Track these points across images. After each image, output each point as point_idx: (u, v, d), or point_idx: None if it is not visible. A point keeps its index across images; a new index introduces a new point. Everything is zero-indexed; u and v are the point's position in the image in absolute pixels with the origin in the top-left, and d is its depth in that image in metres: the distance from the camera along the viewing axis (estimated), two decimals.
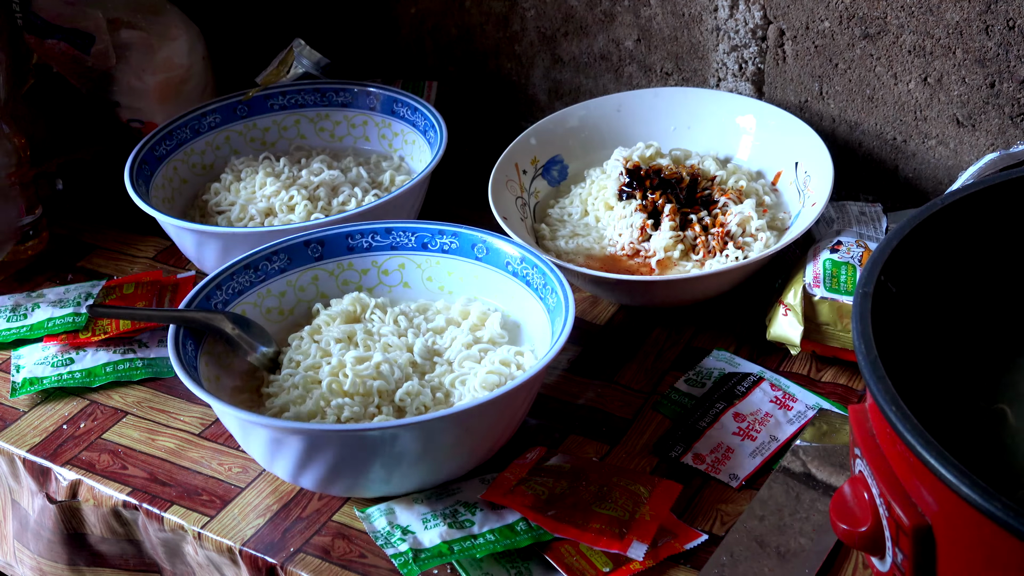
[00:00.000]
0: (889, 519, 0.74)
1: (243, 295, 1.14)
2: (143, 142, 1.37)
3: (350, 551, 0.98)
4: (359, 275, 1.19)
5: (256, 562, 0.99)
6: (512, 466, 1.03)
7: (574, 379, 1.16)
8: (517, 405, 1.01)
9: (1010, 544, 0.64)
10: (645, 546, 0.94)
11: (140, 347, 1.23)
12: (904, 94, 1.29)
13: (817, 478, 1.00)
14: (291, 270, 1.17)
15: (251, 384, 1.12)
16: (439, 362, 1.10)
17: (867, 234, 1.22)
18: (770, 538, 0.95)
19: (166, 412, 1.16)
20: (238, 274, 1.14)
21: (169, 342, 1.04)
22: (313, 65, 1.45)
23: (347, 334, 1.11)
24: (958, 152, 1.29)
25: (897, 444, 0.71)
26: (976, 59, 1.22)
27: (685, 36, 1.40)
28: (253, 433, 0.99)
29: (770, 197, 1.28)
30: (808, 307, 1.12)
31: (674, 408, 1.10)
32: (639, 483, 1.00)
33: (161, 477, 1.08)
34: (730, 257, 1.20)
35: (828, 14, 1.29)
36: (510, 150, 1.32)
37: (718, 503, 1.00)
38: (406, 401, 1.04)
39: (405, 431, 0.95)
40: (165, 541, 1.05)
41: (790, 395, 1.10)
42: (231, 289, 1.14)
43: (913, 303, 0.84)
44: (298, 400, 1.06)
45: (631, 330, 1.21)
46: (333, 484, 1.00)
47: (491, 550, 0.94)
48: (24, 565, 1.16)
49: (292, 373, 1.09)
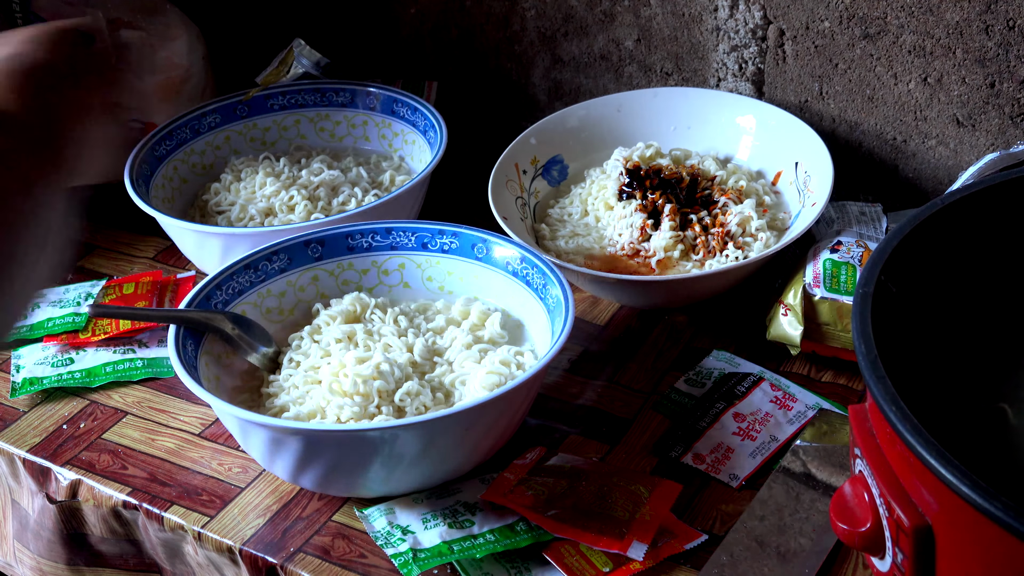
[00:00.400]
0: (889, 519, 0.74)
1: (243, 295, 1.14)
2: (143, 142, 1.37)
3: (350, 551, 0.98)
4: (359, 275, 1.19)
5: (256, 562, 0.99)
6: (512, 466, 1.03)
7: (574, 379, 1.16)
8: (517, 405, 1.01)
9: (1010, 544, 0.64)
10: (645, 546, 0.94)
11: (140, 347, 1.23)
12: (904, 94, 1.29)
13: (817, 478, 1.00)
14: (291, 270, 1.17)
15: (251, 384, 1.12)
16: (439, 362, 1.10)
17: (867, 234, 1.22)
18: (770, 538, 0.95)
19: (166, 412, 1.16)
20: (238, 274, 1.14)
21: (169, 342, 1.04)
22: (313, 65, 1.45)
23: (347, 334, 1.11)
24: (958, 152, 1.29)
25: (897, 444, 0.71)
26: (976, 59, 1.22)
27: (685, 36, 1.39)
28: (253, 433, 0.99)
29: (770, 197, 1.28)
30: (808, 307, 1.12)
31: (674, 408, 1.10)
32: (639, 483, 1.00)
33: (161, 477, 1.08)
34: (730, 257, 1.20)
35: (828, 14, 1.29)
36: (510, 150, 1.32)
37: (718, 503, 1.00)
38: (406, 401, 1.04)
39: (405, 431, 0.95)
40: (165, 541, 1.05)
41: (790, 395, 1.10)
42: (231, 289, 1.14)
43: (913, 303, 0.84)
44: (298, 400, 1.06)
45: (631, 330, 1.21)
46: (333, 484, 1.00)
47: (491, 550, 0.94)
48: (24, 565, 1.16)
49: (292, 373, 1.09)
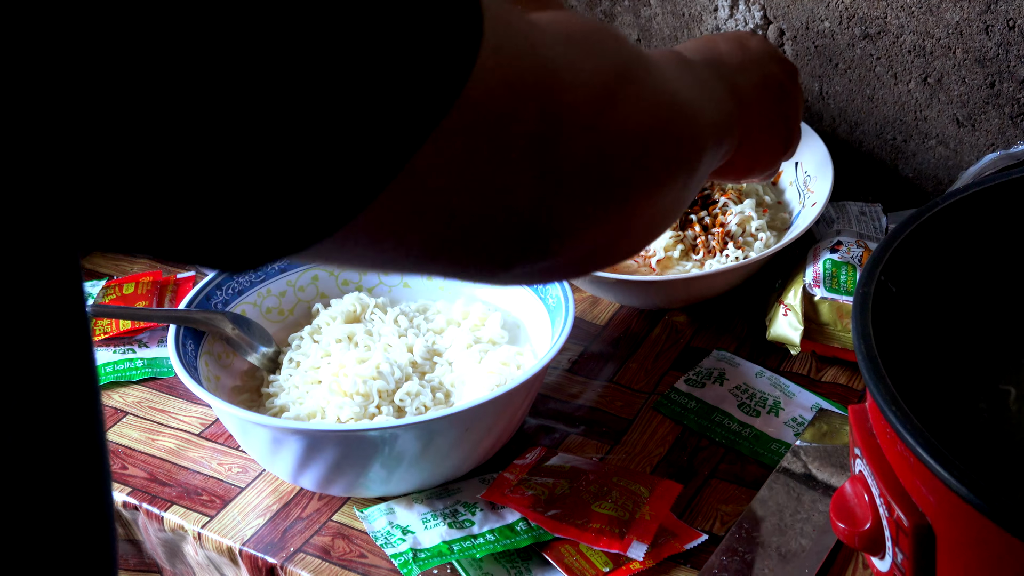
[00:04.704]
0: (889, 519, 0.74)
1: (243, 295, 1.14)
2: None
3: (350, 551, 0.98)
4: (359, 275, 1.19)
5: (256, 562, 0.99)
6: (512, 466, 1.03)
7: (574, 379, 1.16)
8: (517, 405, 1.01)
9: (1010, 544, 0.64)
10: (645, 546, 0.94)
11: (140, 347, 1.23)
12: (904, 94, 1.29)
13: (817, 478, 1.00)
14: (291, 270, 1.17)
15: (251, 384, 1.12)
16: (439, 362, 1.10)
17: (867, 234, 1.22)
18: (770, 538, 0.95)
19: (166, 412, 1.16)
20: (238, 274, 1.14)
21: (169, 342, 1.04)
22: None
23: (347, 334, 1.11)
24: (958, 152, 1.29)
25: (897, 444, 0.71)
26: (976, 59, 1.22)
27: (685, 36, 1.39)
28: (253, 433, 0.99)
29: (770, 197, 1.28)
30: (808, 307, 1.12)
31: (674, 408, 1.10)
32: (639, 483, 1.00)
33: (161, 477, 1.08)
34: (730, 257, 1.20)
35: (828, 14, 1.29)
36: None
37: (718, 503, 1.00)
38: (406, 401, 1.04)
39: (405, 431, 0.95)
40: (165, 541, 1.05)
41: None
42: (231, 289, 1.14)
43: (913, 303, 0.84)
44: (298, 400, 1.06)
45: (631, 330, 1.21)
46: (333, 484, 1.00)
47: (491, 550, 0.94)
48: None
49: (292, 373, 1.09)
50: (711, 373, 1.14)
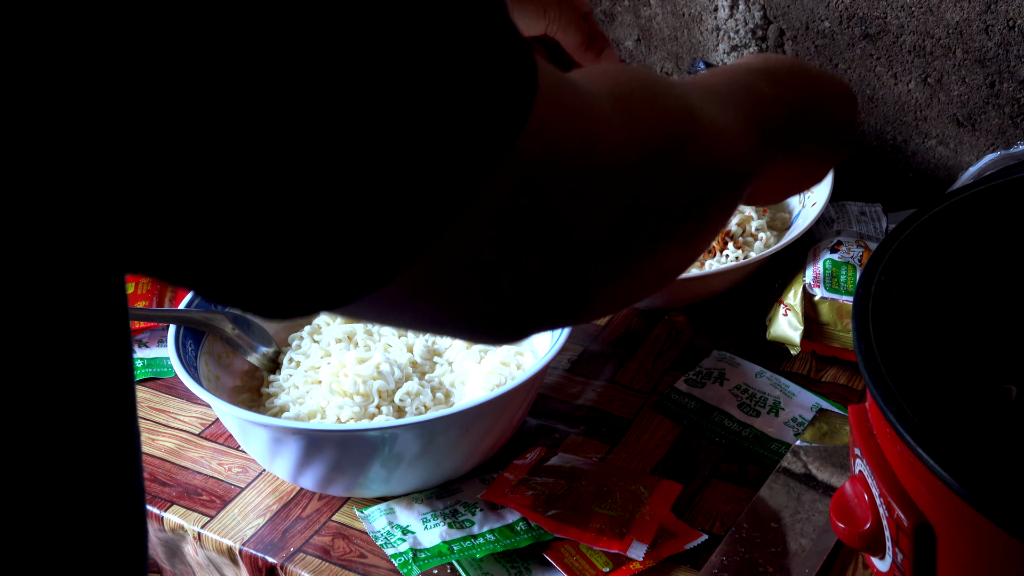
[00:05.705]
0: (889, 519, 0.74)
1: None
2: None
3: (350, 551, 0.98)
4: None
5: (256, 562, 0.99)
6: (512, 466, 1.03)
7: (574, 379, 1.16)
8: (517, 405, 1.01)
9: (1010, 544, 0.64)
10: (645, 546, 0.94)
11: (140, 347, 1.23)
12: (904, 94, 1.29)
13: (817, 478, 1.00)
14: None
15: (251, 384, 1.12)
16: (439, 362, 1.10)
17: (867, 234, 1.22)
18: (770, 538, 0.95)
19: (166, 412, 1.16)
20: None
21: (169, 342, 1.04)
22: None
23: (347, 334, 1.11)
24: (958, 152, 1.29)
25: (897, 444, 0.71)
26: (976, 59, 1.22)
27: (685, 36, 1.39)
28: (253, 433, 0.99)
29: None
30: (808, 307, 1.12)
31: (674, 408, 1.10)
32: (639, 483, 1.00)
33: (161, 477, 1.08)
34: (730, 257, 1.20)
35: (828, 14, 1.29)
36: None
37: (718, 503, 1.00)
38: (406, 401, 1.04)
39: (405, 431, 0.95)
40: (165, 541, 1.05)
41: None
42: None
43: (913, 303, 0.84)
44: (298, 400, 1.06)
45: (631, 330, 1.21)
46: (333, 484, 1.00)
47: (491, 550, 0.94)
48: None
49: (292, 373, 1.09)
50: (711, 373, 1.14)
